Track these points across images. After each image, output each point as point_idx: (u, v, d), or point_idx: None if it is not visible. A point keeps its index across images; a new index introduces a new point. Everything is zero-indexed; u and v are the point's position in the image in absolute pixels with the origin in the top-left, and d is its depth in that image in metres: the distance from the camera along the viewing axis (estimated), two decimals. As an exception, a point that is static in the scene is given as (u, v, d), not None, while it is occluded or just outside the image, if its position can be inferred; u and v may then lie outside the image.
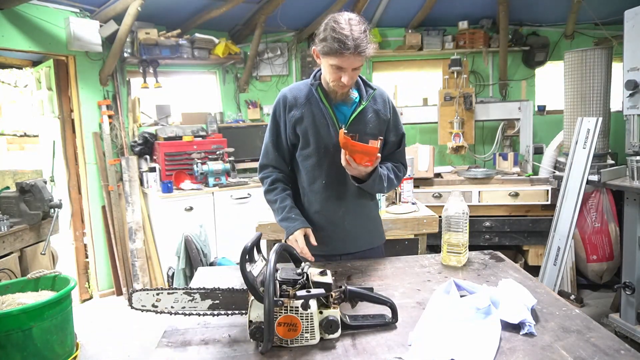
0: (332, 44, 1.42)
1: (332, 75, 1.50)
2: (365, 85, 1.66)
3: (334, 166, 1.60)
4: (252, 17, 4.35)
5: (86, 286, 4.10)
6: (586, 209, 3.49)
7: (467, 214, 1.54)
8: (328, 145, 1.60)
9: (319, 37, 1.48)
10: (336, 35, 1.41)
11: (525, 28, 4.82)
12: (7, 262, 2.76)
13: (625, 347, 0.99)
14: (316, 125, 1.60)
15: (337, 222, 1.66)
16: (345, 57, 1.43)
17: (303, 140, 1.62)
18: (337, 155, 1.58)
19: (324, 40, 1.45)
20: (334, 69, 1.48)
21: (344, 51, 1.41)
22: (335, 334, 1.09)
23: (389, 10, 4.61)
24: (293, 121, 1.62)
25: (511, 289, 1.24)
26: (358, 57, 1.44)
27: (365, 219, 1.71)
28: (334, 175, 1.62)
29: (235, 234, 3.88)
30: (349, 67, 1.47)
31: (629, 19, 3.01)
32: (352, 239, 1.69)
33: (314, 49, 1.52)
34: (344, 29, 1.41)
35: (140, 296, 1.18)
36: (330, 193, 1.64)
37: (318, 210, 1.67)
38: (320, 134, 1.60)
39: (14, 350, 2.14)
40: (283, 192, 1.68)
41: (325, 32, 1.45)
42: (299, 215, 1.63)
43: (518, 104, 4.19)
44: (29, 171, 3.96)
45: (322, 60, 1.51)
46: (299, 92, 1.64)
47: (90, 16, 3.77)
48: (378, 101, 1.66)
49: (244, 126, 4.58)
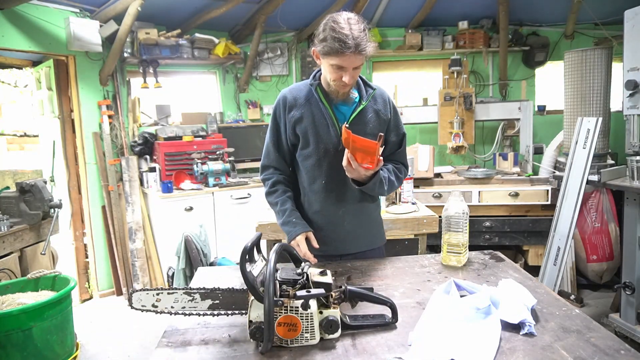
0: (333, 44, 1.42)
1: (333, 75, 1.50)
2: (365, 85, 1.66)
3: (333, 166, 1.60)
4: (252, 17, 4.35)
5: (86, 286, 4.10)
6: (586, 209, 3.49)
7: (467, 214, 1.54)
8: (328, 145, 1.60)
9: (318, 38, 1.48)
10: (336, 35, 1.41)
11: (525, 28, 4.82)
12: (7, 262, 2.76)
13: (626, 347, 0.99)
14: (316, 125, 1.60)
15: (336, 222, 1.67)
16: (346, 56, 1.43)
17: (303, 140, 1.63)
18: (336, 156, 1.58)
19: (324, 40, 1.45)
20: (334, 68, 1.48)
21: (344, 50, 1.41)
22: (335, 334, 1.08)
23: (389, 10, 4.61)
24: (293, 121, 1.62)
25: (511, 289, 1.24)
26: (359, 56, 1.44)
27: (365, 220, 1.71)
28: (334, 175, 1.62)
29: (235, 234, 3.88)
30: (350, 67, 1.47)
31: (629, 19, 3.01)
32: (351, 240, 1.69)
33: (314, 49, 1.52)
34: (343, 29, 1.41)
35: (140, 296, 1.18)
36: (330, 193, 1.64)
37: (318, 210, 1.67)
38: (319, 134, 1.60)
39: (14, 350, 2.14)
40: (283, 195, 1.68)
41: (325, 32, 1.45)
42: (299, 219, 1.63)
43: (518, 104, 4.19)
44: (29, 171, 3.97)
45: (323, 60, 1.51)
46: (298, 93, 1.64)
47: (90, 16, 3.77)
48: (378, 101, 1.66)
49: (244, 126, 4.58)
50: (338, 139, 1.59)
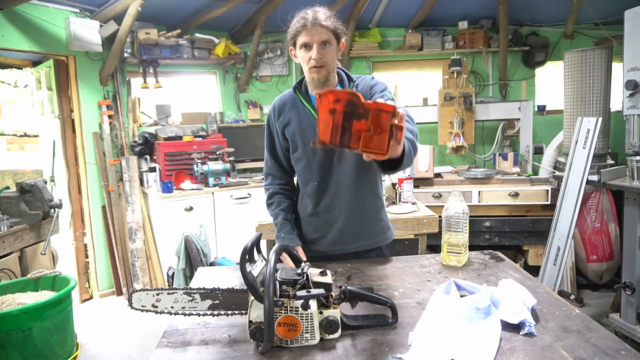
0: (295, 25, 1.50)
1: (305, 59, 1.52)
2: (349, 80, 1.65)
3: (324, 166, 1.60)
4: (252, 17, 4.35)
5: (86, 286, 4.10)
6: (586, 209, 3.49)
7: (467, 214, 1.54)
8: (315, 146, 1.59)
9: (288, 34, 1.55)
10: (297, 18, 1.51)
11: (525, 28, 4.82)
12: (7, 262, 2.76)
13: (626, 348, 0.99)
14: (302, 127, 1.60)
15: (331, 222, 1.66)
16: (308, 30, 1.47)
17: (292, 144, 1.64)
18: (325, 155, 1.58)
19: (290, 29, 1.53)
20: (303, 52, 1.51)
21: (305, 24, 1.47)
22: (335, 334, 1.08)
23: (389, 10, 4.61)
24: (282, 127, 1.64)
25: (511, 289, 1.24)
26: (321, 28, 1.48)
27: (363, 219, 1.68)
28: (325, 176, 1.61)
29: (235, 234, 3.88)
30: (313, 41, 1.49)
31: (629, 19, 3.01)
32: (349, 240, 1.67)
33: (290, 48, 1.57)
34: (304, 12, 1.51)
35: (140, 296, 1.18)
36: (323, 194, 1.64)
37: (312, 212, 1.67)
38: (306, 135, 1.60)
39: (14, 350, 2.14)
40: (277, 208, 1.70)
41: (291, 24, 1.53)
42: (287, 234, 1.64)
43: (518, 104, 4.19)
44: (29, 171, 3.98)
45: (296, 52, 1.55)
46: (286, 99, 1.67)
47: (90, 16, 3.77)
48: (362, 90, 1.60)
49: (244, 126, 4.58)
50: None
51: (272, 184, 1.75)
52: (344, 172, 1.59)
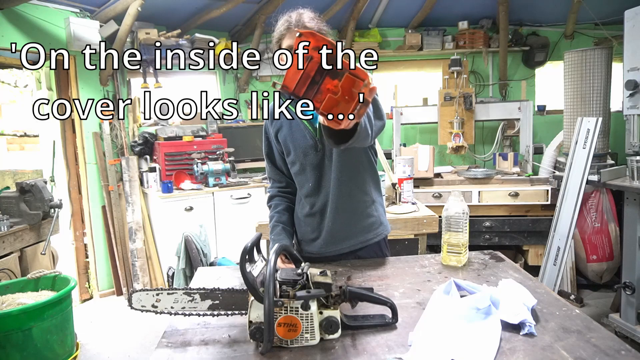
0: (279, 28, 1.52)
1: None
2: None
3: (316, 168, 1.61)
4: (252, 17, 4.35)
5: (86, 286, 4.10)
6: (586, 209, 3.49)
7: (467, 214, 1.54)
8: (305, 148, 1.60)
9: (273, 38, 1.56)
10: (281, 21, 1.52)
11: (525, 28, 4.82)
12: (7, 262, 2.76)
13: (626, 348, 0.99)
14: (292, 131, 1.61)
15: (324, 222, 1.66)
16: (292, 32, 1.48)
17: (285, 148, 1.65)
18: (317, 157, 1.59)
19: (275, 32, 1.54)
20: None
21: (289, 27, 1.49)
22: (335, 334, 1.08)
23: (389, 10, 4.61)
24: (275, 131, 1.66)
25: (511, 289, 1.24)
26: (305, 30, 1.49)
27: (350, 216, 1.66)
28: (318, 177, 1.62)
29: (235, 234, 3.88)
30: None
31: (629, 19, 3.01)
32: (340, 239, 1.67)
33: (276, 51, 1.58)
34: (289, 15, 1.52)
35: (140, 296, 1.18)
36: (317, 195, 1.64)
37: (308, 213, 1.68)
38: (296, 138, 1.61)
39: (14, 350, 2.14)
40: (273, 211, 1.74)
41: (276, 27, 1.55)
42: (277, 235, 1.67)
43: (518, 104, 4.19)
44: (29, 171, 3.97)
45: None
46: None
47: (90, 16, 3.77)
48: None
49: (244, 126, 4.58)
50: (313, 140, 1.58)
51: (272, 187, 1.78)
52: (333, 172, 1.60)
